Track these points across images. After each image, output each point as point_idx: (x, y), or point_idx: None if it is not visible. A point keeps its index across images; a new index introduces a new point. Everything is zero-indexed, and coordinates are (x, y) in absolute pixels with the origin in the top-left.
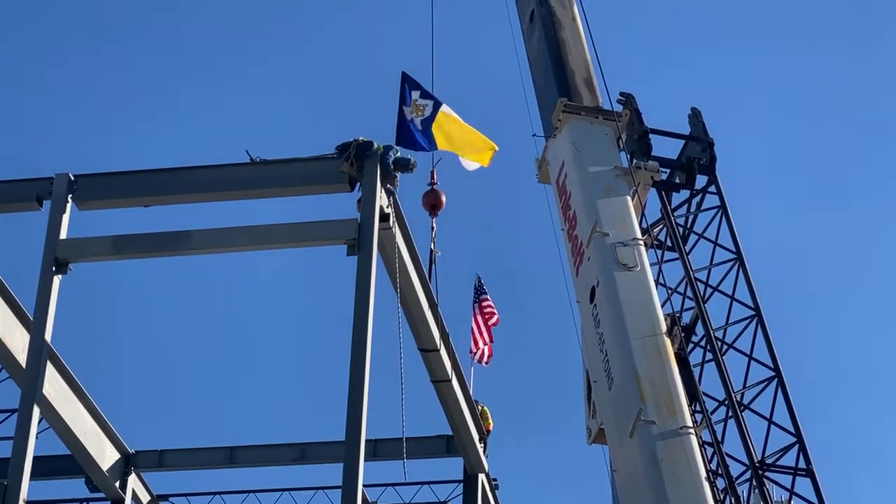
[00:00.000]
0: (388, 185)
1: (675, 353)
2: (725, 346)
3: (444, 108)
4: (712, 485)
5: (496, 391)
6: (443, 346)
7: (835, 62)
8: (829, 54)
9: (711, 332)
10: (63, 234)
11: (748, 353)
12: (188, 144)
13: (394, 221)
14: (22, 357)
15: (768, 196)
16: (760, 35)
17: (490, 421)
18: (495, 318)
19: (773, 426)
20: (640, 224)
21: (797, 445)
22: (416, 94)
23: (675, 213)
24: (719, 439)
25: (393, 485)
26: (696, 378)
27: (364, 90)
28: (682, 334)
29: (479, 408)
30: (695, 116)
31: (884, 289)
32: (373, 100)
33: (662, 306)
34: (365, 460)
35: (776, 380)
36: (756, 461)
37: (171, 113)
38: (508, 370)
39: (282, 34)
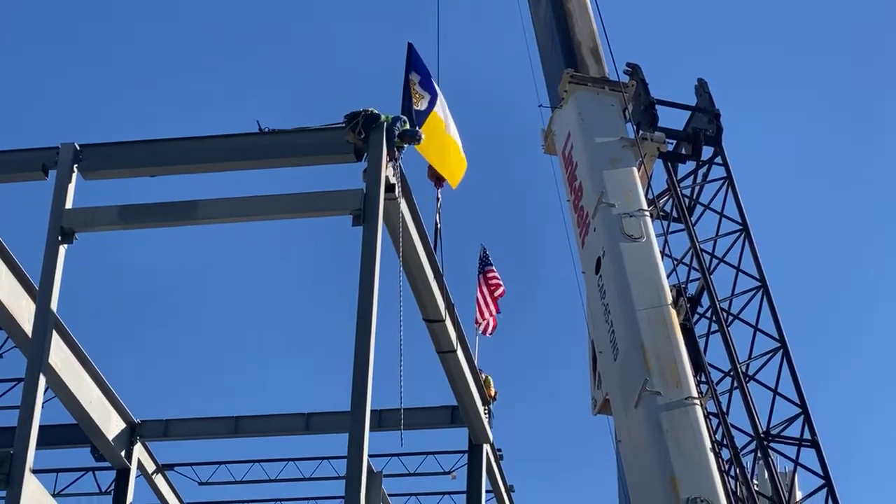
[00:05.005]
0: (394, 156)
1: (681, 324)
2: (731, 317)
3: (437, 108)
4: (717, 455)
5: (501, 362)
6: (448, 317)
7: (844, 32)
8: (839, 22)
9: (717, 302)
10: (69, 204)
11: (754, 324)
12: (194, 114)
13: (399, 192)
14: (28, 326)
15: (775, 167)
16: (768, 6)
17: (493, 388)
18: (501, 289)
19: (778, 397)
20: (646, 195)
21: (802, 416)
22: (416, 78)
23: (681, 184)
24: (724, 410)
25: (398, 455)
26: (702, 349)
27: (371, 62)
28: (688, 305)
29: (483, 377)
30: (701, 87)
31: (890, 260)
32: (381, 72)
33: (668, 277)
34: (370, 430)
35: (781, 351)
36: (761, 432)
37: (176, 82)
38: (514, 341)
39: (290, 7)
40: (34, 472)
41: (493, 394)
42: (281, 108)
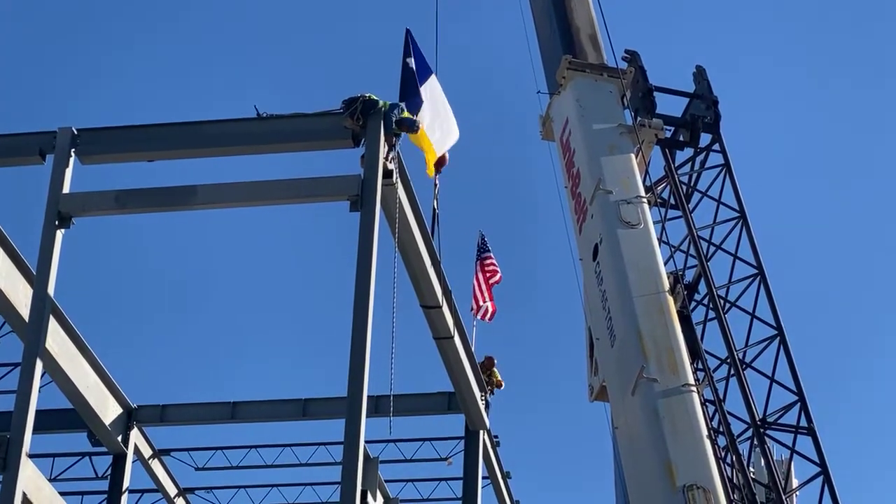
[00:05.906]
0: (391, 142)
1: (678, 311)
2: (728, 305)
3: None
4: (713, 442)
5: (499, 348)
6: (445, 303)
7: (844, 19)
8: (839, 9)
9: (714, 290)
10: (66, 189)
11: (751, 311)
12: (192, 100)
13: (397, 178)
14: (25, 311)
15: (773, 154)
16: None
17: (499, 378)
18: (497, 276)
19: (774, 384)
20: (644, 182)
21: (799, 404)
22: (411, 63)
23: (679, 171)
24: (721, 397)
25: (394, 441)
26: (699, 336)
27: (369, 48)
28: (685, 292)
29: (493, 370)
30: (700, 74)
31: (888, 249)
32: (379, 58)
33: (665, 264)
34: (366, 416)
35: (778, 338)
36: (757, 419)
37: (175, 67)
38: (511, 327)
39: None
40: (31, 456)
41: (498, 385)
42: (279, 93)
